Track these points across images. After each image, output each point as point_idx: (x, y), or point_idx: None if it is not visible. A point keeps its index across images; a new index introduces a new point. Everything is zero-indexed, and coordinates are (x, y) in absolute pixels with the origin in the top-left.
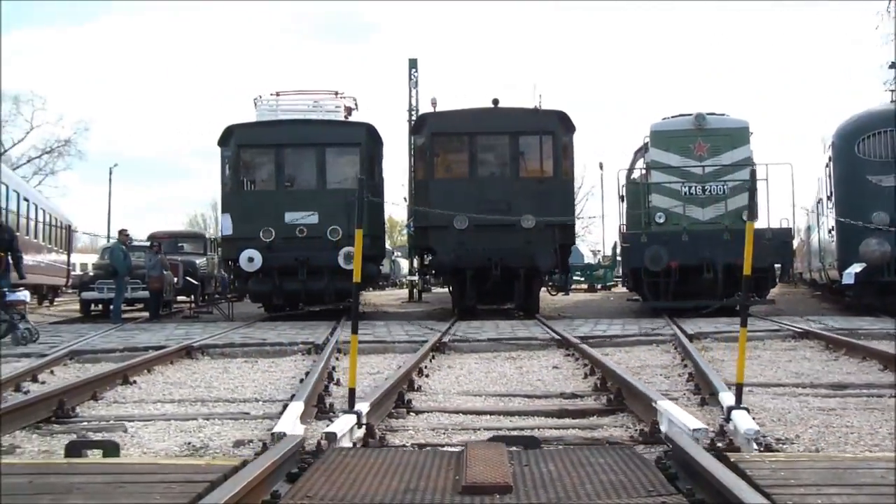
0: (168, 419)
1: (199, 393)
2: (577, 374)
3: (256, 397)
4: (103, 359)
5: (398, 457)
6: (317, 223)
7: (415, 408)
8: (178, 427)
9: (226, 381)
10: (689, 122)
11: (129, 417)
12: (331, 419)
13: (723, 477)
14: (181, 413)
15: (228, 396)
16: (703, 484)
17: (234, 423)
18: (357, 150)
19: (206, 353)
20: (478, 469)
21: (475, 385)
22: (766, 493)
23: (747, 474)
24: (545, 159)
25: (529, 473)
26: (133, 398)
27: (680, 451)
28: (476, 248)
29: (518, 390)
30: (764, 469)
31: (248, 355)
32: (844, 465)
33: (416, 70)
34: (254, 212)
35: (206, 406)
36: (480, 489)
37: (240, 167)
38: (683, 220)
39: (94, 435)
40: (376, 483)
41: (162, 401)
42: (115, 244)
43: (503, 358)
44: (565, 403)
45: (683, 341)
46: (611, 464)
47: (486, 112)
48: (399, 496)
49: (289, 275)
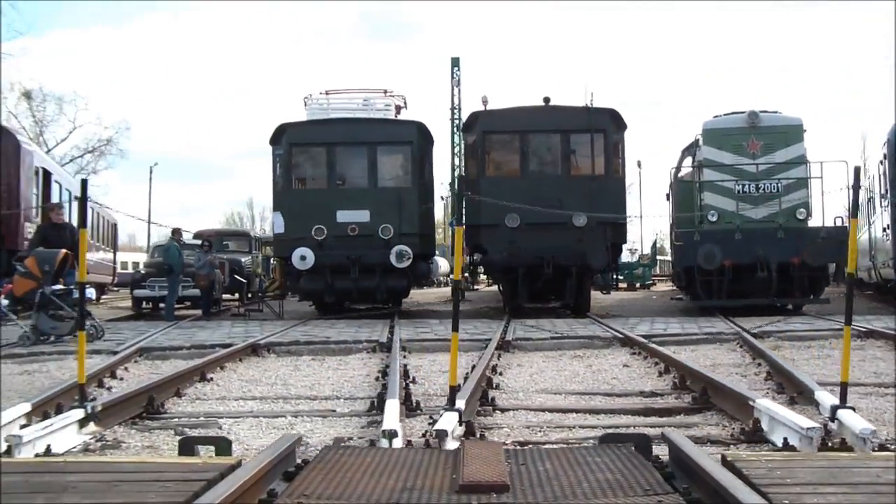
0: (256, 416)
1: (278, 390)
2: (650, 373)
3: (336, 395)
4: (171, 356)
5: (395, 455)
6: (368, 221)
7: (499, 406)
8: (270, 424)
9: (300, 378)
10: (742, 120)
11: (218, 414)
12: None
13: (720, 476)
14: (267, 410)
15: (308, 394)
16: (700, 483)
17: (323, 420)
18: (409, 148)
19: (272, 350)
20: (475, 467)
21: (551, 383)
22: (763, 492)
23: (744, 473)
24: (597, 157)
25: (526, 472)
26: (214, 395)
27: (677, 450)
28: (528, 247)
29: (595, 388)
30: (760, 468)
31: (314, 353)
32: (841, 464)
33: (459, 69)
34: (306, 210)
35: (289, 403)
36: (477, 488)
37: (291, 166)
38: (736, 218)
39: (191, 431)
40: (373, 482)
41: (243, 398)
42: (170, 242)
43: (569, 356)
44: (646, 402)
45: (750, 340)
46: (608, 463)
47: (537, 110)
48: (396, 495)
49: (340, 273)
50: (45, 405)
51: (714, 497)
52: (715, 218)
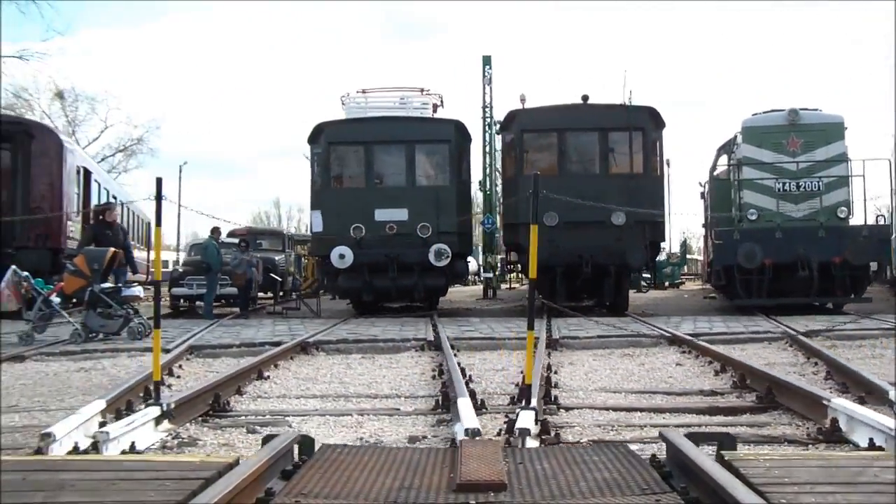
0: (322, 414)
1: (336, 388)
2: (705, 371)
3: (396, 393)
4: (222, 354)
5: (392, 454)
6: (406, 220)
7: (563, 404)
8: (337, 422)
9: (355, 377)
10: (781, 118)
11: (283, 413)
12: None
13: (717, 475)
14: (331, 409)
15: (367, 392)
16: (697, 482)
17: (389, 419)
18: (447, 146)
19: (320, 348)
20: (472, 466)
21: (607, 382)
22: (761, 491)
23: (741, 472)
24: (635, 156)
25: (524, 471)
26: (274, 393)
27: (674, 450)
28: (566, 246)
29: (653, 387)
30: (758, 467)
31: (363, 351)
32: (838, 463)
33: (490, 67)
34: (344, 209)
35: (350, 402)
36: (475, 487)
37: (330, 164)
38: (776, 216)
39: (262, 429)
40: (371, 480)
41: (304, 396)
42: (209, 240)
43: (618, 355)
44: (708, 401)
45: (801, 339)
46: (605, 462)
47: (575, 108)
48: (394, 493)
49: (379, 272)
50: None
51: (712, 496)
52: (755, 216)
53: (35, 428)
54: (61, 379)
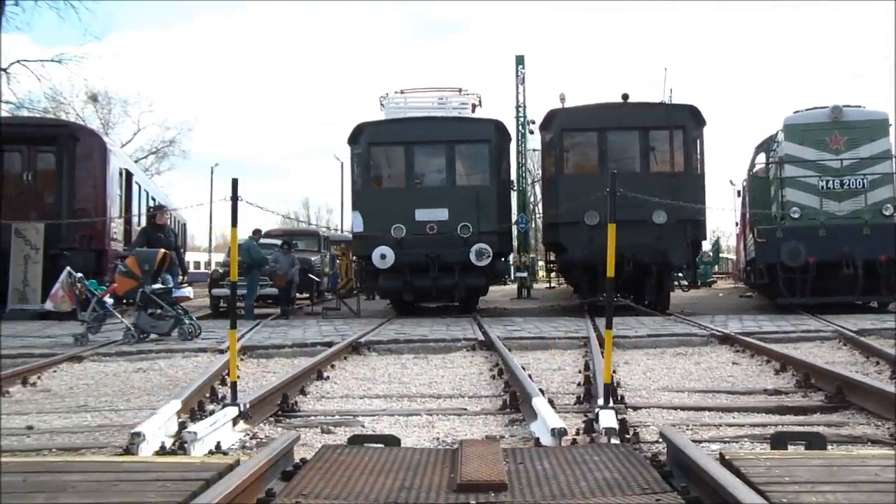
0: (391, 414)
1: (397, 388)
2: (765, 370)
3: (459, 393)
4: (275, 354)
5: (393, 455)
6: (447, 220)
7: (630, 403)
8: (408, 422)
9: (412, 376)
10: (824, 115)
11: (352, 412)
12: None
13: (718, 475)
14: (398, 408)
15: (429, 392)
16: (698, 482)
17: (459, 418)
18: (487, 146)
19: (372, 349)
20: (473, 466)
21: (667, 381)
22: (762, 490)
23: (742, 472)
24: (676, 154)
25: (524, 471)
26: (337, 393)
27: (675, 449)
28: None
29: (715, 386)
30: (759, 467)
31: (415, 351)
32: (839, 462)
33: (523, 66)
34: (384, 209)
35: (415, 402)
36: (475, 487)
37: (370, 165)
38: (820, 214)
39: (336, 429)
40: (371, 481)
41: (367, 396)
42: (249, 241)
43: (671, 354)
44: (774, 400)
45: (857, 338)
46: (605, 461)
47: (615, 107)
48: (394, 494)
49: (419, 271)
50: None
51: (712, 496)
52: (798, 214)
53: (110, 427)
54: (121, 379)
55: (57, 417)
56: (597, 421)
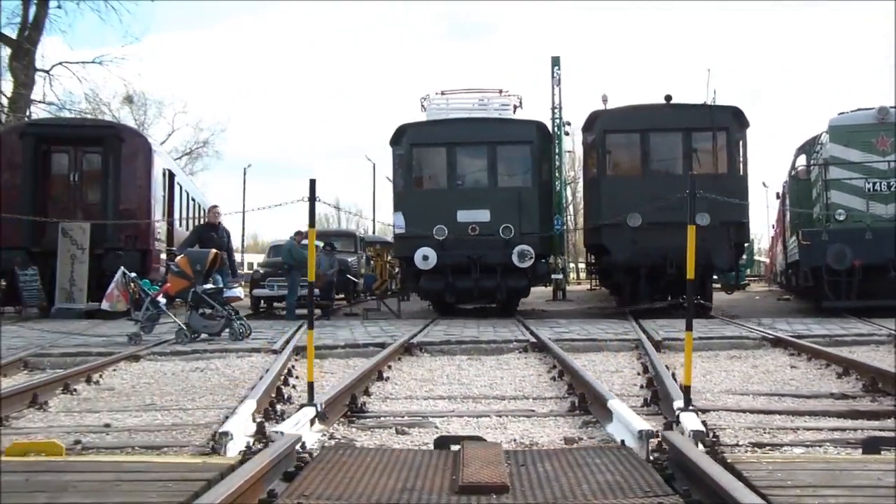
0: (461, 416)
1: (458, 389)
2: (826, 374)
3: (522, 394)
4: (328, 355)
5: (395, 456)
6: (489, 221)
7: (697, 406)
8: (479, 423)
9: (471, 377)
10: (870, 117)
11: (421, 413)
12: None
13: (720, 478)
14: (466, 410)
15: (492, 394)
16: (699, 485)
17: (528, 419)
18: (529, 147)
19: (424, 350)
20: (474, 468)
21: (728, 384)
22: (763, 494)
23: (744, 475)
24: (719, 156)
25: (526, 473)
26: (400, 394)
27: (677, 452)
28: (650, 246)
29: (778, 389)
30: (761, 470)
31: (467, 353)
32: (840, 466)
33: (559, 68)
34: (426, 210)
35: (480, 403)
36: (477, 489)
37: (412, 166)
38: (866, 217)
39: (410, 430)
40: (373, 482)
41: (430, 397)
42: (290, 242)
43: (725, 357)
44: (842, 405)
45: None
46: (607, 464)
47: (657, 108)
48: (396, 495)
49: (461, 272)
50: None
51: (714, 498)
52: (843, 217)
53: (185, 426)
54: (180, 379)
55: (128, 416)
56: (677, 423)
